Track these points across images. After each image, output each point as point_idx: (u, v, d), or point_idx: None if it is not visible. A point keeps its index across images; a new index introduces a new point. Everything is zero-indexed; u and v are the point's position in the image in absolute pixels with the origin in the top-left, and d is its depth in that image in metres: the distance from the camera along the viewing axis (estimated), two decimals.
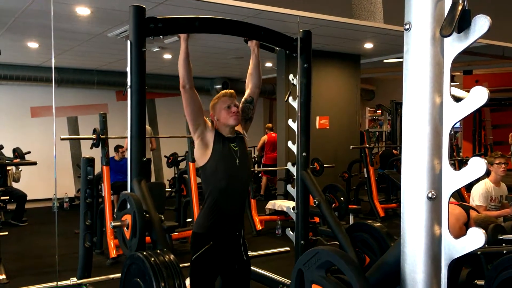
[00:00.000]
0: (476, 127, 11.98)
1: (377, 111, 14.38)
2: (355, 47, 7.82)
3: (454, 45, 1.11)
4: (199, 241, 2.54)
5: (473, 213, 3.63)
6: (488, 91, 1.05)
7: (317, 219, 5.81)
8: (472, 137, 12.02)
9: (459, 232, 3.36)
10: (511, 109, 12.11)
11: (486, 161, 3.74)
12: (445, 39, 1.12)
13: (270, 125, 9.89)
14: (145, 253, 2.13)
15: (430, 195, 1.13)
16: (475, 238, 1.06)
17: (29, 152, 7.13)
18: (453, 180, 1.11)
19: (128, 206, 2.40)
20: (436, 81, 1.13)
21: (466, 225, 3.53)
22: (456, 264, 3.12)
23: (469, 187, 5.39)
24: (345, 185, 7.88)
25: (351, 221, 5.76)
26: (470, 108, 1.08)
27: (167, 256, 2.13)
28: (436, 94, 1.13)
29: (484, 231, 1.06)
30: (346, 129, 8.45)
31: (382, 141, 12.41)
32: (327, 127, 8.20)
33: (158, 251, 2.19)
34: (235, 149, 2.58)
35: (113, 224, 2.39)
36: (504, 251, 2.79)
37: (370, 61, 8.90)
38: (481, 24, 1.05)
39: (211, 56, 8.27)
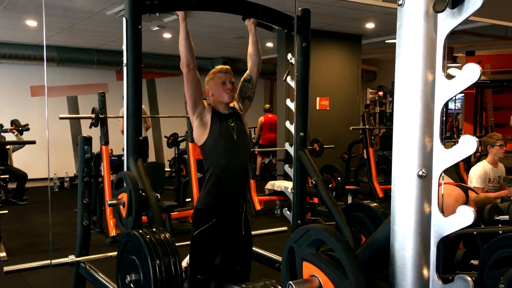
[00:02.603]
0: (478, 108, 11.93)
1: (379, 93, 14.30)
2: (356, 27, 7.74)
3: (448, 21, 1.09)
4: (202, 217, 2.59)
5: (471, 194, 3.64)
6: (481, 68, 1.04)
7: (316, 200, 5.83)
8: (474, 119, 11.98)
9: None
10: None
11: (485, 142, 3.71)
12: (439, 15, 1.10)
13: (267, 106, 9.89)
14: (140, 231, 2.14)
15: (420, 173, 1.12)
16: (464, 217, 1.06)
17: (27, 125, 7.10)
18: (444, 158, 1.11)
19: (125, 185, 2.41)
20: (428, 57, 1.11)
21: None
22: (452, 245, 3.13)
23: (468, 168, 5.39)
24: (345, 166, 7.88)
25: (349, 202, 5.78)
26: (462, 85, 1.06)
27: (163, 234, 2.14)
28: (428, 71, 1.11)
29: (473, 209, 1.06)
30: (347, 110, 8.42)
31: (383, 123, 12.38)
32: (328, 108, 8.18)
33: (154, 229, 2.20)
34: (232, 125, 2.63)
35: (109, 202, 2.40)
36: (500, 232, 2.79)
37: (372, 42, 8.81)
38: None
39: (211, 35, 8.20)
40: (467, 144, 1.05)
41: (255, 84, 2.82)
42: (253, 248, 3.60)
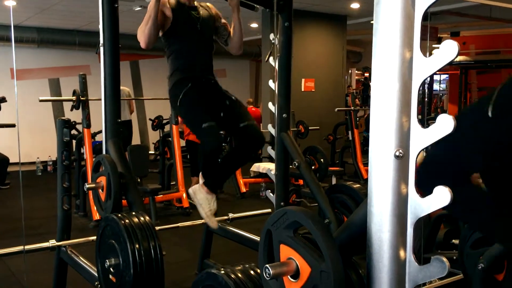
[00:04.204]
0: (462, 89, 11.97)
1: (365, 74, 14.31)
2: (341, 7, 7.67)
3: None
4: (178, 87, 2.60)
5: None
6: (459, 46, 1.01)
7: (301, 182, 5.84)
8: (458, 100, 12.04)
9: None
10: (497, 71, 12.09)
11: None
12: None
13: (251, 100, 9.85)
14: (119, 215, 2.11)
15: (397, 153, 1.10)
16: (441, 197, 1.04)
17: (3, 98, 6.91)
18: (421, 138, 1.08)
19: (103, 168, 2.37)
20: (406, 34, 1.08)
21: None
22: (434, 225, 3.15)
23: None
24: (330, 147, 7.89)
25: (334, 183, 5.79)
26: (440, 63, 1.04)
27: (142, 218, 2.11)
28: (406, 49, 1.08)
29: (450, 189, 1.04)
30: (332, 92, 8.40)
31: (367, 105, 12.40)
32: (313, 90, 8.14)
33: (133, 213, 2.17)
34: (197, 16, 2.68)
35: (87, 186, 2.35)
36: None
37: (357, 22, 8.75)
38: None
39: None
40: (445, 123, 1.03)
41: (226, 45, 2.85)
42: (236, 230, 3.61)
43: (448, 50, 1.02)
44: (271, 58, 3.17)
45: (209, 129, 2.44)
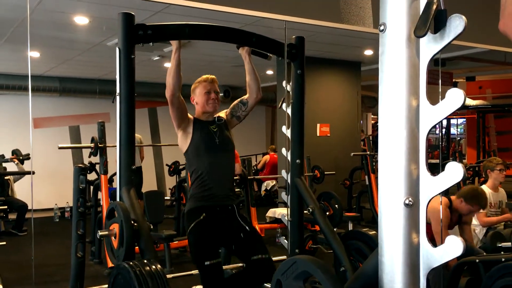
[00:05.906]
0: (480, 133, 11.89)
1: None
2: (355, 54, 7.78)
3: (430, 46, 1.07)
4: (191, 216, 2.62)
5: (453, 197, 3.57)
6: (465, 93, 1.02)
7: (318, 228, 5.75)
8: (476, 144, 11.92)
9: (446, 221, 3.34)
10: None
11: (485, 166, 3.65)
12: (421, 40, 1.08)
13: (273, 146, 9.97)
14: (131, 263, 2.09)
15: (407, 201, 1.09)
16: (454, 247, 1.02)
17: (28, 155, 7.09)
18: (430, 185, 1.07)
19: (116, 215, 2.37)
20: (412, 83, 1.09)
21: (451, 209, 3.46)
22: (455, 273, 3.06)
23: None
24: (347, 192, 7.81)
25: (350, 229, 5.69)
26: (447, 111, 1.04)
27: (153, 266, 2.09)
28: (412, 97, 1.09)
29: (462, 239, 1.02)
30: (348, 136, 8.40)
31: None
32: (328, 134, 8.16)
33: (145, 261, 2.15)
34: (214, 130, 2.73)
35: (100, 233, 2.35)
36: (503, 259, 2.72)
37: (371, 68, 8.84)
38: (456, 24, 1.02)
39: (212, 64, 8.27)
40: (454, 171, 1.02)
41: (249, 110, 2.88)
42: None
43: (454, 98, 1.02)
44: (284, 105, 3.20)
45: (210, 267, 2.49)
